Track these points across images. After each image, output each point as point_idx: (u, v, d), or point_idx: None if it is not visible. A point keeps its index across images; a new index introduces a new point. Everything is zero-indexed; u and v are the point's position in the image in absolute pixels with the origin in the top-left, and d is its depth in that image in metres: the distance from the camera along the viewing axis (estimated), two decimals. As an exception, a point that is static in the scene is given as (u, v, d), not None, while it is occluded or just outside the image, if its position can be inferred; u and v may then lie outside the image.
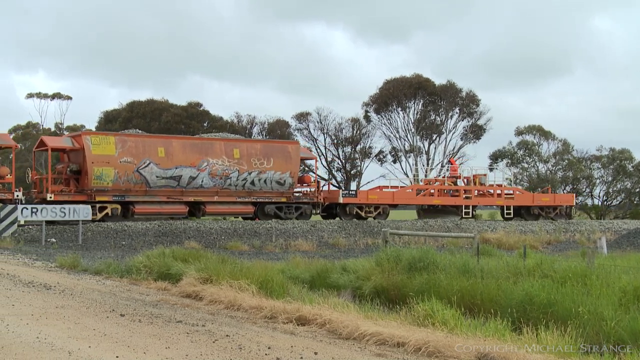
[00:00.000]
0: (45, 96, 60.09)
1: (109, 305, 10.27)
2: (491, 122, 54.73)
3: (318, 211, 31.56)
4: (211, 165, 28.28)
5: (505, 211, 35.31)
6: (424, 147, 54.62)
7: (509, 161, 52.65)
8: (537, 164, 52.21)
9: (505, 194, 35.45)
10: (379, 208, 32.17)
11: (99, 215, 26.32)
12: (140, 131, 32.70)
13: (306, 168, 54.69)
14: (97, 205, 26.26)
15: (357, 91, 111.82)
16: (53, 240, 23.08)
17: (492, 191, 35.41)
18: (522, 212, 35.64)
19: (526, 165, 52.26)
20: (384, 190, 35.31)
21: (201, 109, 55.16)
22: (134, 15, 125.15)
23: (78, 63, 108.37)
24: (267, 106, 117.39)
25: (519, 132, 53.37)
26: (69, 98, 61.10)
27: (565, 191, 52.26)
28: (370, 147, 55.67)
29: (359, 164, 55.44)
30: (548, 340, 7.82)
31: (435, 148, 54.62)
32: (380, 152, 55.67)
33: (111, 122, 52.71)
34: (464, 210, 33.89)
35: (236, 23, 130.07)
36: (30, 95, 60.21)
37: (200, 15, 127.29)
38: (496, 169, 46.23)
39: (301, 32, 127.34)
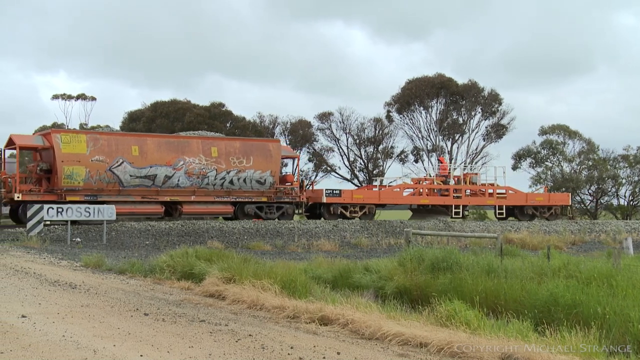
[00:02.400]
0: (70, 97, 60.76)
1: (133, 305, 10.36)
2: (514, 121, 54.28)
3: (301, 211, 31.03)
4: (188, 164, 27.66)
5: (497, 211, 34.73)
6: (446, 146, 54.35)
7: (533, 161, 52.19)
8: (562, 163, 51.69)
9: (498, 194, 34.75)
10: (365, 208, 31.62)
11: None
12: (116, 129, 32.21)
13: (328, 167, 54.83)
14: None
15: (376, 90, 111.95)
16: (78, 239, 23.33)
17: (483, 190, 34.69)
18: (516, 212, 35.02)
19: (550, 165, 51.74)
20: (372, 189, 34.42)
21: (224, 109, 55.37)
22: (153, 15, 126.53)
23: (98, 63, 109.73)
24: (287, 105, 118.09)
25: (543, 132, 52.84)
26: (94, 99, 61.76)
27: (590, 191, 51.71)
28: (392, 147, 55.54)
29: (381, 163, 55.30)
30: (572, 341, 7.74)
31: (457, 148, 54.32)
32: (403, 152, 55.51)
33: (135, 122, 53.07)
34: (453, 210, 33.23)
35: (253, 22, 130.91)
36: (55, 97, 60.96)
37: (218, 14, 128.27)
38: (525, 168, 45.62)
39: (319, 31, 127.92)
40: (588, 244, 29.09)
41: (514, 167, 53.04)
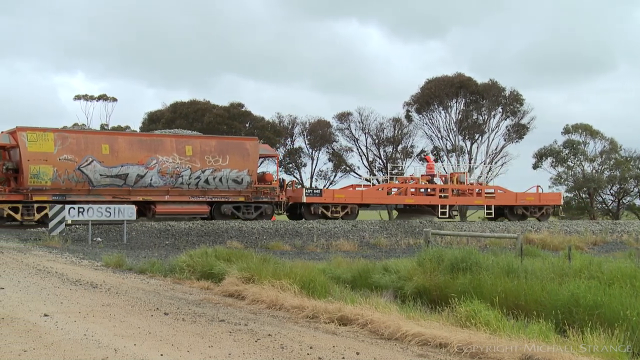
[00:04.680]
0: (92, 98, 61.33)
1: (153, 304, 10.41)
2: (534, 121, 53.82)
3: (281, 211, 30.63)
4: (161, 163, 27.25)
5: (485, 211, 34.24)
6: (466, 146, 54.05)
7: (554, 160, 51.77)
8: (583, 163, 51.21)
9: (486, 193, 34.31)
10: (347, 208, 31.21)
11: (37, 216, 25.40)
12: (86, 128, 31.73)
13: (347, 167, 54.70)
14: (35, 206, 25.35)
15: (393, 88, 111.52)
16: (99, 239, 23.52)
17: (471, 190, 34.27)
18: (506, 212, 34.54)
19: (571, 164, 51.28)
20: (355, 189, 33.96)
21: (243, 109, 55.53)
22: (168, 15, 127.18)
23: (115, 64, 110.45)
24: (304, 105, 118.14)
25: (566, 131, 52.39)
26: (114, 100, 62.29)
27: (612, 191, 51.17)
28: (412, 147, 55.39)
29: (401, 163, 55.17)
30: (594, 343, 7.67)
31: (477, 148, 53.99)
32: (422, 151, 55.32)
33: (155, 122, 53.44)
34: (440, 210, 32.85)
35: (268, 22, 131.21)
36: (77, 97, 61.53)
37: (233, 14, 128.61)
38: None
39: (334, 30, 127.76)
40: (610, 245, 28.77)
41: (535, 167, 52.68)
